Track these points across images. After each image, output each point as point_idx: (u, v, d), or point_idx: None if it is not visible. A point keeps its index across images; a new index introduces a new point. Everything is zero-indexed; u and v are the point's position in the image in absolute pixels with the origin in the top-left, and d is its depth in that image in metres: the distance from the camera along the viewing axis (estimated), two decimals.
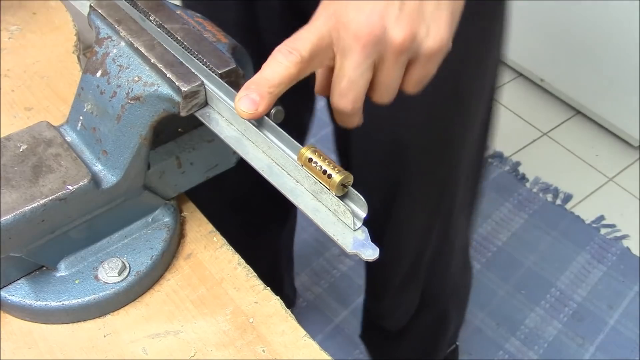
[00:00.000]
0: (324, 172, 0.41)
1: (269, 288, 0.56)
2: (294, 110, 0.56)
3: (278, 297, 0.55)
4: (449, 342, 1.28)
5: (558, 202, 1.82)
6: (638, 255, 1.69)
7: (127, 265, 0.53)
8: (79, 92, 0.51)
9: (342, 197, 0.42)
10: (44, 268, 0.53)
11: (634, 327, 1.54)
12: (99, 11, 0.51)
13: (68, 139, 0.52)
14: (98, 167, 0.51)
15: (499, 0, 0.73)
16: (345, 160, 0.91)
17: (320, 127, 1.89)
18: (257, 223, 1.09)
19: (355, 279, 1.59)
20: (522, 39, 2.11)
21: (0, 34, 0.77)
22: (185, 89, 0.46)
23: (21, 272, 0.52)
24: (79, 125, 0.52)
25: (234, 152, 0.59)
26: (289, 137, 0.44)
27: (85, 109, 0.51)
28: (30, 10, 0.81)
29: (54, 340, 0.52)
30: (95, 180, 0.49)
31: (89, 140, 0.52)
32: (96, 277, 0.53)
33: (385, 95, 0.47)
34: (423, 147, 0.80)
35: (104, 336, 0.52)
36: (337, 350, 1.45)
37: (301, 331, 0.53)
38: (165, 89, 0.47)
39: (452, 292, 1.12)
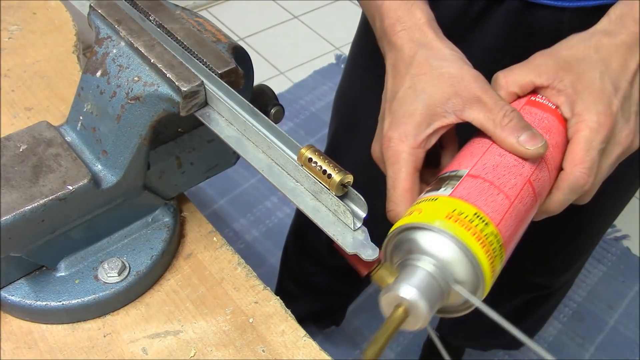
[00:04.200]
0: (324, 172, 0.41)
1: (268, 288, 0.56)
2: None
3: (278, 297, 0.55)
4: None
5: None
6: (638, 255, 1.69)
7: (127, 265, 0.53)
8: (79, 92, 0.51)
9: (342, 197, 0.42)
10: (44, 268, 0.53)
11: (634, 327, 1.54)
12: (99, 11, 0.51)
13: (68, 139, 0.52)
14: (98, 167, 0.51)
15: None
16: None
17: (320, 127, 1.89)
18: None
19: None
20: None
21: (0, 34, 0.77)
22: (185, 89, 0.46)
23: (21, 272, 0.52)
24: (79, 125, 0.52)
25: (234, 152, 0.59)
26: (289, 137, 0.44)
27: (85, 109, 0.51)
28: (30, 10, 0.81)
29: (54, 340, 0.52)
30: (95, 180, 0.49)
31: (89, 140, 0.52)
32: (96, 277, 0.53)
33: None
34: None
35: (104, 336, 0.52)
36: (337, 350, 1.45)
37: (301, 331, 0.53)
38: (165, 89, 0.47)
39: None
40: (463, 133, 0.51)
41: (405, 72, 0.50)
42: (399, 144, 0.47)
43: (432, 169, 0.51)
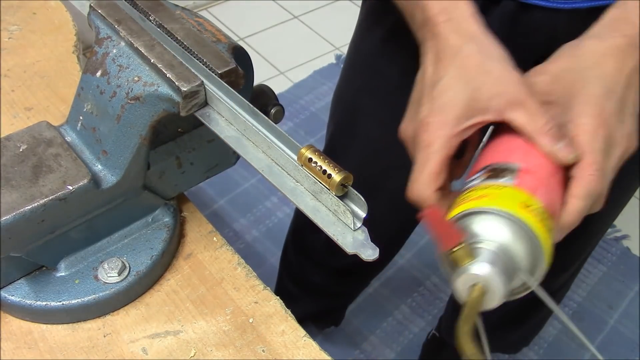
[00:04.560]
0: (324, 172, 0.41)
1: (268, 288, 0.56)
2: None
3: (278, 297, 0.55)
4: None
5: None
6: (638, 255, 1.69)
7: (127, 265, 0.53)
8: (79, 92, 0.51)
9: (342, 197, 0.42)
10: (44, 268, 0.53)
11: (634, 327, 1.54)
12: (99, 11, 0.51)
13: (68, 139, 0.52)
14: (98, 167, 0.51)
15: None
16: None
17: (320, 127, 1.89)
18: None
19: None
20: None
21: (0, 34, 0.77)
22: (185, 89, 0.46)
23: (21, 272, 0.52)
24: (79, 125, 0.52)
25: (234, 152, 0.59)
26: (289, 137, 0.44)
27: (85, 109, 0.51)
28: (30, 10, 0.81)
29: (54, 340, 0.52)
30: (95, 180, 0.49)
31: (89, 140, 0.52)
32: (96, 277, 0.53)
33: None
34: None
35: (104, 336, 0.52)
36: (337, 350, 1.45)
37: (301, 331, 0.53)
38: (165, 89, 0.47)
39: None
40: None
41: (449, 62, 0.50)
42: (437, 130, 0.49)
43: (453, 159, 0.52)
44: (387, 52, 0.77)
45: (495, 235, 0.42)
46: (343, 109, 0.90)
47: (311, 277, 1.15)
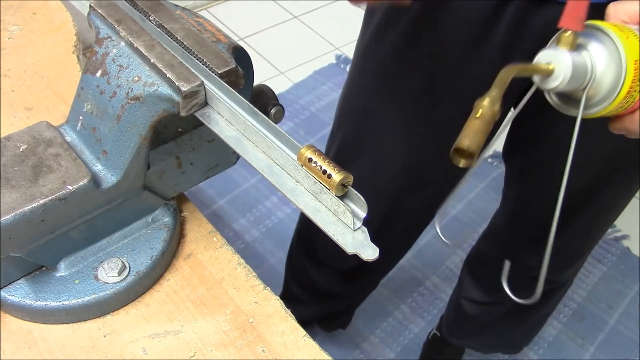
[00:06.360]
0: (324, 172, 0.41)
1: (269, 288, 0.56)
2: None
3: (278, 297, 0.55)
4: None
5: None
6: (638, 255, 1.69)
7: (127, 265, 0.53)
8: (79, 92, 0.51)
9: (342, 197, 0.42)
10: (44, 268, 0.53)
11: (634, 327, 1.54)
12: (99, 11, 0.51)
13: (68, 139, 0.52)
14: (98, 167, 0.51)
15: None
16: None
17: (320, 127, 1.89)
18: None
19: None
20: None
21: (0, 34, 0.77)
22: (185, 89, 0.46)
23: (21, 272, 0.52)
24: (79, 125, 0.52)
25: (234, 152, 0.59)
26: (289, 137, 0.44)
27: (85, 109, 0.51)
28: (30, 10, 0.81)
29: (54, 340, 0.52)
30: (95, 180, 0.49)
31: (88, 140, 0.52)
32: (96, 277, 0.53)
33: None
34: None
35: (104, 336, 0.52)
36: (337, 350, 1.45)
37: (301, 331, 0.53)
38: (165, 89, 0.47)
39: None
40: None
41: None
42: None
43: None
44: (402, 55, 0.76)
45: (599, 54, 0.48)
46: (354, 114, 0.88)
47: (317, 280, 1.15)
